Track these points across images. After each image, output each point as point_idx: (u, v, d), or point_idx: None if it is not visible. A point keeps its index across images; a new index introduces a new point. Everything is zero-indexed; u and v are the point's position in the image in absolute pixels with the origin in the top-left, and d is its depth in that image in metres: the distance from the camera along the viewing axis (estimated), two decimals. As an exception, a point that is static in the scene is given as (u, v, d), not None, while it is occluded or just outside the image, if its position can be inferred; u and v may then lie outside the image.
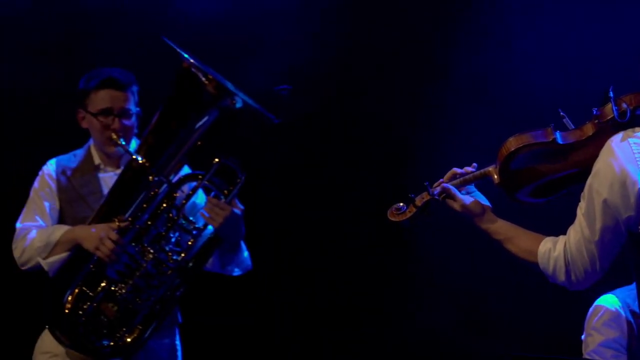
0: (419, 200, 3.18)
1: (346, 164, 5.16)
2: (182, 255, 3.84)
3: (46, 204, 3.96)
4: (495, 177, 3.11)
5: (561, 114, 3.08)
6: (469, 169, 3.17)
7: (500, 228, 3.07)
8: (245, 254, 4.00)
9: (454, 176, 3.17)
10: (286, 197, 5.14)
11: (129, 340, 3.81)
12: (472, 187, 3.20)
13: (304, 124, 4.98)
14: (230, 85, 3.80)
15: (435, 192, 3.15)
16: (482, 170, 3.16)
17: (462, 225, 3.19)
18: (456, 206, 3.11)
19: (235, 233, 3.87)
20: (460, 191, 3.14)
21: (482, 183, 3.17)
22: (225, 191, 3.85)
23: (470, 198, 3.13)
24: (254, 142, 4.81)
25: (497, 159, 3.09)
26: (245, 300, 5.04)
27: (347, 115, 5.19)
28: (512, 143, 3.06)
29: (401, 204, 3.21)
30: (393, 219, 3.20)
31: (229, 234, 3.85)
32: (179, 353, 4.05)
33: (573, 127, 3.04)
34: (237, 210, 3.84)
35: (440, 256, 4.96)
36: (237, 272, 4.02)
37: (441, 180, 3.17)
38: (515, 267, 3.21)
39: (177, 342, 4.05)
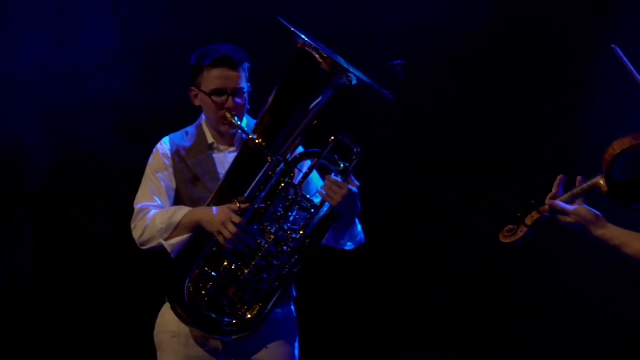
0: (528, 220, 3.18)
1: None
2: (301, 233, 3.86)
3: (163, 184, 3.98)
4: (602, 183, 3.08)
5: (615, 49, 3.03)
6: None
7: (616, 233, 3.08)
8: (359, 228, 3.99)
9: (560, 187, 3.16)
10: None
11: (249, 316, 3.86)
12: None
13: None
14: (344, 63, 3.78)
15: (545, 210, 3.15)
16: (589, 183, 3.14)
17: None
18: (570, 219, 3.11)
19: (352, 210, 3.87)
20: None
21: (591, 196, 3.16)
22: (342, 168, 3.85)
23: (579, 207, 3.12)
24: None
25: (602, 166, 3.06)
26: (358, 275, 5.11)
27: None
28: (616, 147, 3.03)
29: (512, 226, 3.21)
30: (505, 240, 3.22)
31: (346, 211, 3.85)
32: (296, 326, 4.09)
33: (626, 60, 3.01)
34: (353, 188, 3.84)
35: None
36: (350, 246, 4.02)
37: (550, 197, 3.17)
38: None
39: (294, 315, 4.09)
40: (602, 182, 3.09)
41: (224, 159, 4.01)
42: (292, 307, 4.09)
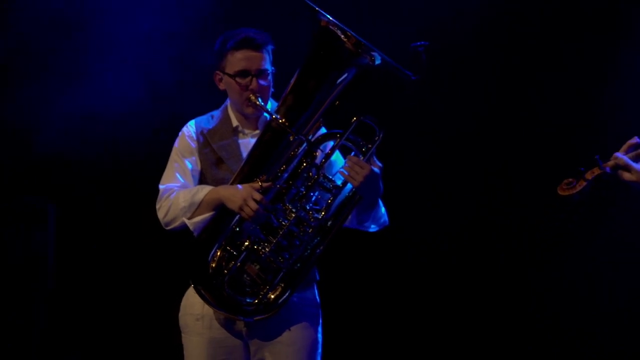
0: (589, 174, 3.17)
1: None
2: (322, 213, 3.86)
3: (188, 165, 4.01)
4: None
5: None
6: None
7: None
8: (383, 210, 4.00)
9: (630, 148, 3.14)
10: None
11: (271, 297, 3.87)
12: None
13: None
14: (368, 43, 3.78)
15: (607, 167, 3.13)
16: None
17: None
18: (631, 176, 3.09)
19: (374, 191, 3.87)
20: None
21: None
22: (364, 149, 3.85)
23: None
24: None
25: None
26: (382, 257, 5.11)
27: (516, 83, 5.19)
28: None
29: (571, 179, 3.21)
30: (562, 193, 3.21)
31: (368, 192, 3.85)
32: (319, 310, 4.09)
33: None
34: (375, 169, 3.84)
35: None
36: (373, 228, 4.03)
37: (615, 154, 3.15)
38: None
39: (317, 298, 4.09)
40: None
41: (249, 143, 4.03)
42: (315, 291, 4.09)
